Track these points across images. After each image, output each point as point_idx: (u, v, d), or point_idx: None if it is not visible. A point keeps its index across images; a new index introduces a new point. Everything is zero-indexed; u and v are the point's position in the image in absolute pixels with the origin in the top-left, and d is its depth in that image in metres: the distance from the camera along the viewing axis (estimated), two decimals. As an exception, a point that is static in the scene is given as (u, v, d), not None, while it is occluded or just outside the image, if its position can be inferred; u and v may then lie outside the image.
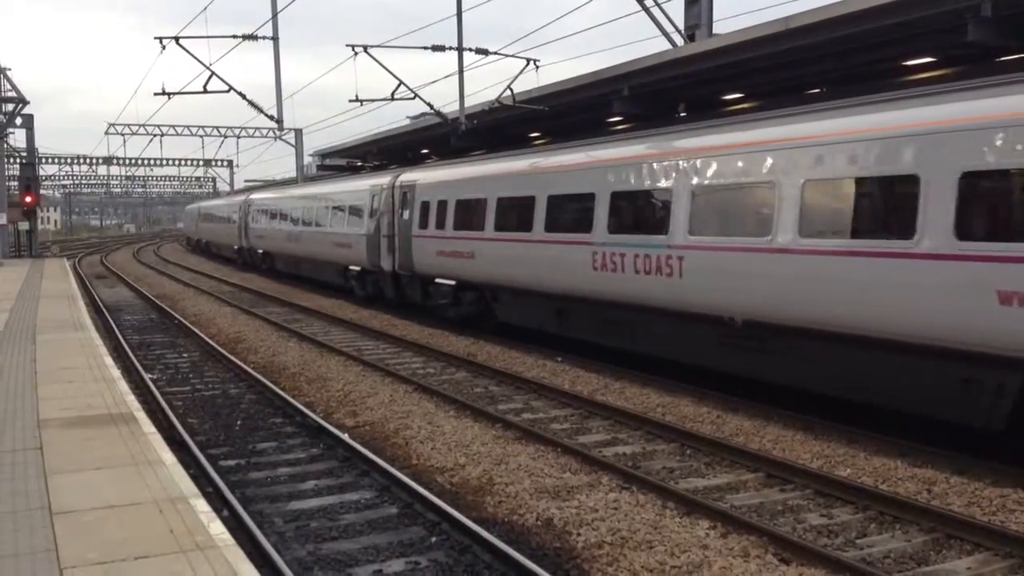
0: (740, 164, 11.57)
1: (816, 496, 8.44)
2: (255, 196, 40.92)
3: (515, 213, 16.68)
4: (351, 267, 25.68)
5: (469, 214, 18.43)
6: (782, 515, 7.97)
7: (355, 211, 25.22)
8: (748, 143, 11.62)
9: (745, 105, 18.53)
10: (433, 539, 7.50)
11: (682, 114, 20.34)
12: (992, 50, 13.09)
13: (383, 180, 23.61)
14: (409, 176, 22.44)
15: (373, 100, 26.98)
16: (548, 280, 15.52)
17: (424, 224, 20.44)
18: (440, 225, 19.56)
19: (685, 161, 12.49)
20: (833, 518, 7.87)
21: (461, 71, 24.41)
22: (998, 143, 8.45)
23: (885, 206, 9.95)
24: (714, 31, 20.52)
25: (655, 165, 13.13)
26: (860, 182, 9.98)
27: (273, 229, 35.26)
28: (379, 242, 23.09)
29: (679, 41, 21.04)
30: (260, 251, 38.54)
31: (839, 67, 15.80)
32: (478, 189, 18.25)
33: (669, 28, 21.51)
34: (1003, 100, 8.64)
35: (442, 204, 19.64)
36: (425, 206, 20.51)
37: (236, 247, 43.78)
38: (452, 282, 19.30)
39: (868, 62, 15.19)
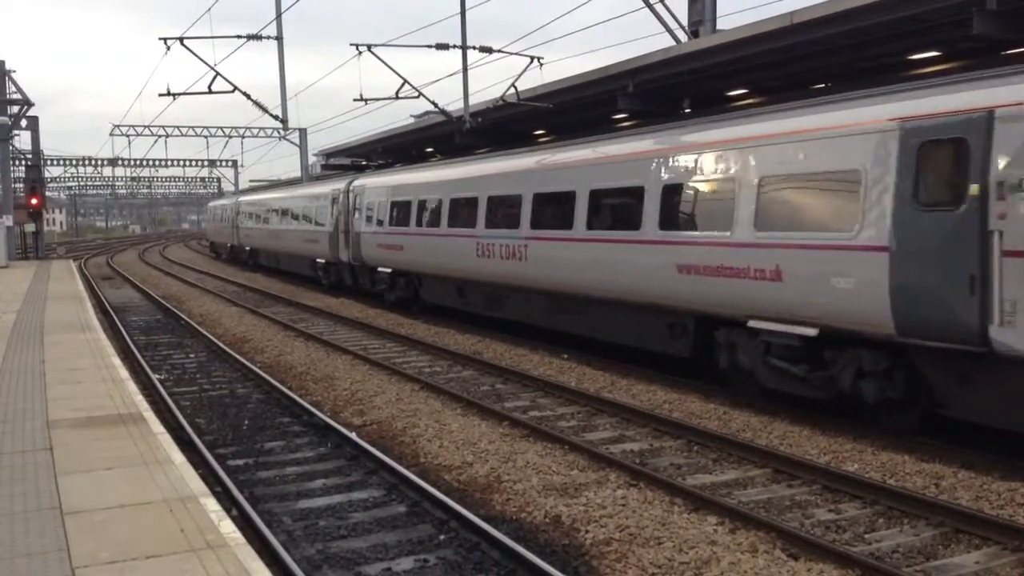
0: None
1: (824, 491, 8.43)
2: (373, 180, 25.24)
3: None
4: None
5: None
6: (790, 510, 7.97)
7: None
8: None
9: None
10: (442, 537, 7.52)
11: (686, 111, 20.34)
12: (997, 43, 13.08)
13: None
14: None
15: (377, 99, 27.00)
16: None
17: None
18: None
19: None
20: (841, 513, 7.87)
21: (465, 69, 24.44)
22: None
23: None
24: (718, 27, 20.51)
25: None
26: None
27: (431, 239, 20.19)
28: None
29: (683, 37, 21.04)
30: (385, 270, 23.56)
31: (844, 62, 15.79)
32: None
33: (673, 24, 21.54)
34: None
35: None
36: None
37: (322, 261, 29.00)
38: None
39: (873, 56, 15.18)
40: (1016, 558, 6.77)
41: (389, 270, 23.27)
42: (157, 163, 71.41)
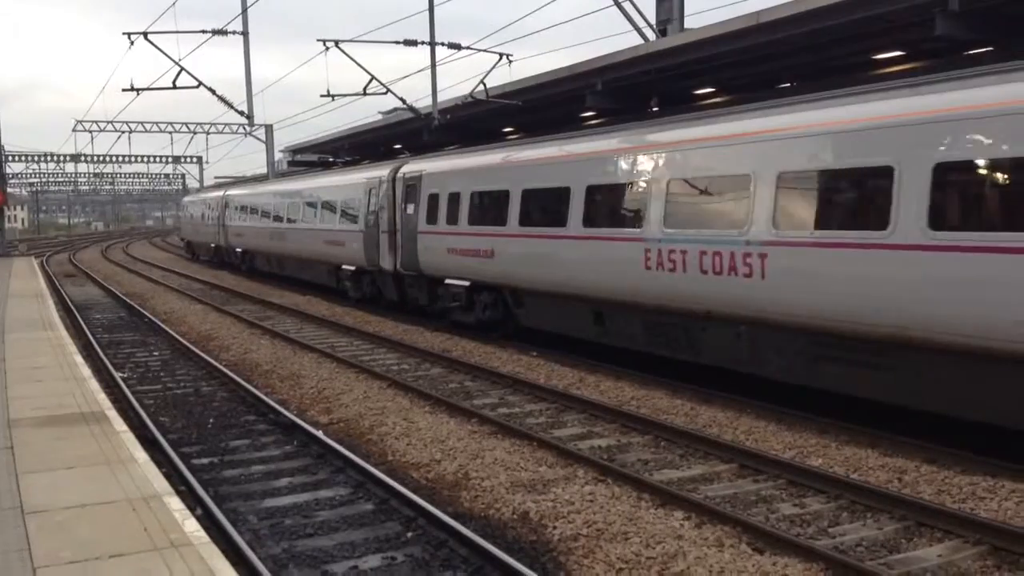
0: None
1: (789, 486, 8.51)
2: (439, 164, 19.22)
3: None
4: None
5: None
6: (755, 505, 8.03)
7: None
8: None
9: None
10: (409, 534, 7.49)
11: (654, 109, 20.44)
12: (960, 44, 13.26)
13: None
14: None
15: (345, 95, 26.86)
16: None
17: None
18: None
19: None
20: (805, 507, 7.95)
21: (434, 65, 24.39)
22: None
23: None
24: (686, 26, 20.64)
25: None
26: None
27: (549, 243, 14.75)
28: None
29: (651, 36, 21.14)
30: (458, 283, 17.88)
31: (810, 61, 15.95)
32: None
33: (641, 23, 21.63)
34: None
35: None
36: None
37: (350, 268, 23.43)
38: None
39: (838, 56, 15.35)
40: (977, 551, 6.87)
41: (465, 283, 17.66)
42: (121, 159, 70.51)
